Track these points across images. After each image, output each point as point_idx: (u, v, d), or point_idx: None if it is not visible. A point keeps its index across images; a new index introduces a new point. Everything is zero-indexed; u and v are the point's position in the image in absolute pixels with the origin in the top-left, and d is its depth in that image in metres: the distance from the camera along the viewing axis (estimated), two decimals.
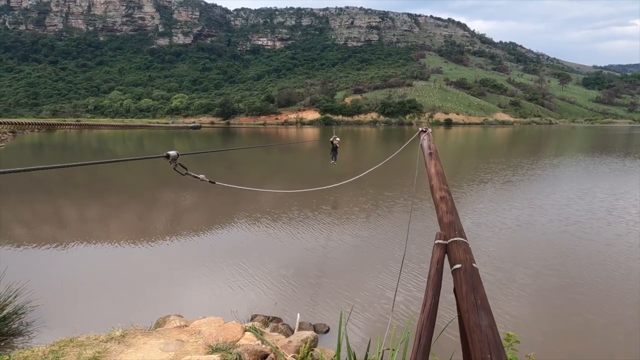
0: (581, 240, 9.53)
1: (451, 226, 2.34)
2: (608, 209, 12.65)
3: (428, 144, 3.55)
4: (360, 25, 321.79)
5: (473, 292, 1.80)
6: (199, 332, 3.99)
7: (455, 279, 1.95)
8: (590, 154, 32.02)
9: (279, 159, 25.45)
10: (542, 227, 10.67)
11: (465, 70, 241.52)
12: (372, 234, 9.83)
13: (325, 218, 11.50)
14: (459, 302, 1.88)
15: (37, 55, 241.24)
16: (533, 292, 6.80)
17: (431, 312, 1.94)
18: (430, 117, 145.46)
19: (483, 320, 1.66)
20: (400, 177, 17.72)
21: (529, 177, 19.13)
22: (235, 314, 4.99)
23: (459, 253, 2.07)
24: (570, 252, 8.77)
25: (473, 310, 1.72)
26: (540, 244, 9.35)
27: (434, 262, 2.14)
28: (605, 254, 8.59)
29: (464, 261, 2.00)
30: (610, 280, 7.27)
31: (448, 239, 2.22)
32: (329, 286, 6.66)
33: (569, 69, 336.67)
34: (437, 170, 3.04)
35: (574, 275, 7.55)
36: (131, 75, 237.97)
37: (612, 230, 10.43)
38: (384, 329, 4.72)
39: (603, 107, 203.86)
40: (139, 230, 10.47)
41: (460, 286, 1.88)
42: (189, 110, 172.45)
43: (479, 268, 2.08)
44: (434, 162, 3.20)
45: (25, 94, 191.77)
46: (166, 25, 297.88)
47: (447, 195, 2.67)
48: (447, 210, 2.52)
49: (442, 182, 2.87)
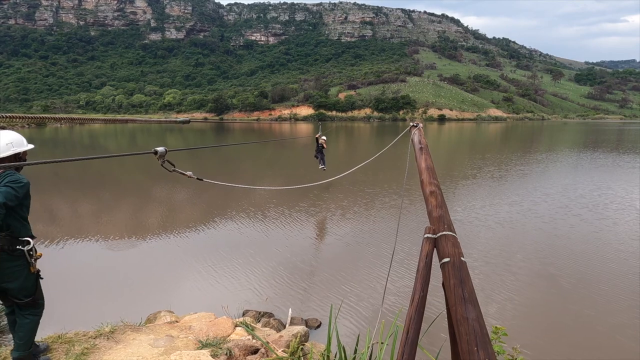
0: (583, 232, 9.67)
1: (440, 220, 2.34)
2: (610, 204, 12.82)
3: (419, 139, 3.55)
4: (354, 21, 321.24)
5: (461, 286, 1.80)
6: (190, 328, 3.98)
7: (443, 272, 1.96)
8: (593, 149, 32.33)
9: (272, 154, 25.41)
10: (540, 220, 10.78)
11: (458, 66, 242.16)
12: (363, 229, 9.86)
13: (317, 214, 11.51)
14: (447, 296, 1.88)
15: (27, 50, 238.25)
16: (524, 284, 6.86)
17: (419, 305, 1.95)
18: (424, 112, 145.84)
19: (470, 313, 1.66)
20: (392, 172, 17.75)
21: (533, 171, 19.30)
22: (226, 310, 4.98)
23: (447, 247, 2.08)
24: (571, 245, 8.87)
25: (460, 303, 1.72)
26: (538, 236, 9.43)
27: (423, 256, 2.14)
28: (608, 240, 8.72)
29: (453, 255, 2.00)
30: (609, 274, 7.37)
31: (437, 233, 2.23)
32: (321, 281, 6.68)
33: (562, 65, 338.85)
34: (428, 164, 3.05)
35: (568, 267, 7.63)
36: (123, 71, 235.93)
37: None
38: (374, 323, 4.74)
39: (595, 103, 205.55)
40: (130, 226, 10.40)
41: (449, 280, 1.89)
42: (181, 106, 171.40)
43: (469, 262, 2.09)
44: (424, 157, 3.20)
45: (16, 90, 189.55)
46: (158, 20, 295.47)
47: (437, 190, 2.68)
48: (436, 204, 2.52)
49: (432, 176, 2.87)
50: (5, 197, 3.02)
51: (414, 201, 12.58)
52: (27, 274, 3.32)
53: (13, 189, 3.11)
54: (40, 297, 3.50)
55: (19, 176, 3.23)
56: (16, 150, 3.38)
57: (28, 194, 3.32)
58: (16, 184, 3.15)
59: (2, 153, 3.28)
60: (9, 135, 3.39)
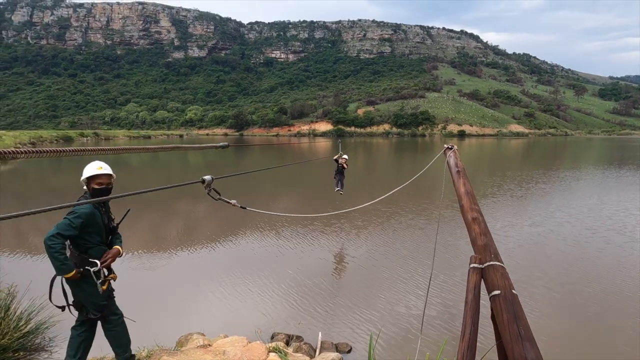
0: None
1: (486, 249, 2.28)
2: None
3: (455, 162, 3.50)
4: (373, 38, 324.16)
5: (515, 321, 1.73)
6: (224, 353, 3.94)
7: (494, 306, 1.89)
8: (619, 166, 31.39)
9: (290, 170, 25.50)
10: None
11: (478, 81, 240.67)
12: (393, 251, 9.68)
13: (343, 235, 11.41)
14: (500, 331, 1.81)
15: (57, 68, 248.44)
16: (559, 306, 6.58)
17: (471, 340, 1.87)
18: (444, 128, 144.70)
19: (529, 353, 1.59)
20: (422, 192, 17.47)
21: (556, 189, 18.83)
22: (259, 334, 4.93)
23: (496, 278, 2.01)
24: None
25: (517, 341, 1.65)
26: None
27: (471, 287, 2.07)
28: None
29: (503, 287, 1.93)
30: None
31: (484, 263, 2.16)
32: (349, 303, 6.56)
33: (585, 80, 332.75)
34: (467, 189, 2.98)
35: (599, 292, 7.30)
36: (147, 88, 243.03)
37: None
38: (409, 350, 4.61)
39: (620, 118, 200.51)
40: (153, 242, 10.51)
41: (501, 314, 1.81)
42: (203, 122, 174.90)
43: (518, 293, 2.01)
44: (462, 181, 3.14)
45: (45, 106, 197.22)
46: (182, 39, 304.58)
47: (479, 216, 2.61)
48: (480, 232, 2.45)
49: (472, 202, 2.80)
50: (59, 229, 3.35)
51: (450, 226, 12.27)
52: (95, 292, 3.58)
53: (69, 220, 3.43)
54: (110, 314, 3.75)
55: (79, 207, 3.50)
56: (83, 180, 3.76)
57: (91, 222, 3.59)
58: (72, 215, 3.46)
59: (84, 185, 3.75)
60: (86, 168, 3.78)
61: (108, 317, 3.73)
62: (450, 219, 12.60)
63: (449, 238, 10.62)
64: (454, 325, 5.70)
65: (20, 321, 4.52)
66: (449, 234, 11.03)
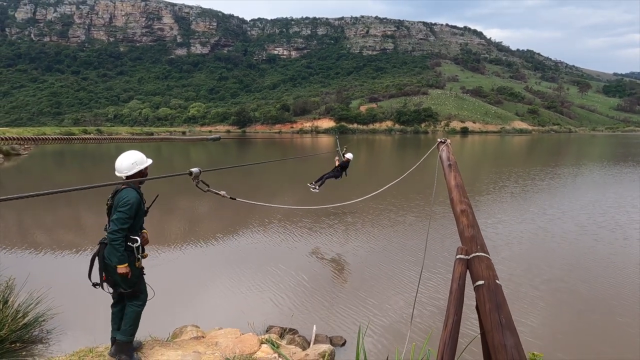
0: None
1: (473, 240, 2.29)
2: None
3: (447, 156, 3.51)
4: (376, 34, 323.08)
5: (497, 311, 1.75)
6: (216, 344, 3.99)
7: (478, 296, 1.91)
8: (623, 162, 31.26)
9: (293, 167, 25.54)
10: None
11: (481, 78, 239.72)
12: (388, 246, 9.71)
13: (339, 229, 11.43)
14: (482, 320, 1.83)
15: (60, 65, 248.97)
16: (550, 304, 6.59)
17: (453, 329, 1.90)
18: (447, 125, 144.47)
19: (508, 340, 1.61)
20: (416, 188, 17.50)
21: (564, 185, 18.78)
22: (252, 326, 4.97)
23: (481, 269, 2.02)
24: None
25: (498, 329, 1.67)
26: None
27: (456, 277, 2.09)
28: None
29: (487, 278, 1.95)
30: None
31: (470, 254, 2.18)
32: (344, 297, 6.60)
33: (589, 77, 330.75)
34: (457, 182, 3.00)
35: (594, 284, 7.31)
36: (150, 85, 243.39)
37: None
38: (400, 343, 4.64)
39: (625, 115, 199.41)
40: (153, 237, 10.56)
41: (484, 304, 1.83)
42: (205, 119, 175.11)
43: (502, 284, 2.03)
44: (453, 174, 3.15)
45: (49, 103, 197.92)
46: (184, 36, 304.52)
47: (468, 209, 2.62)
48: (468, 224, 2.47)
49: (462, 194, 2.82)
50: (119, 224, 3.69)
51: (442, 219, 12.33)
52: (132, 268, 3.82)
53: (123, 212, 3.72)
54: (140, 290, 4.01)
55: (128, 194, 3.78)
56: (139, 168, 3.98)
57: (140, 208, 3.89)
58: (124, 207, 3.74)
59: (130, 171, 3.92)
60: (134, 155, 3.98)
61: (137, 294, 3.97)
62: (442, 215, 12.61)
63: (445, 232, 10.64)
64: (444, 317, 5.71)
65: (18, 314, 4.59)
66: (444, 228, 11.06)
